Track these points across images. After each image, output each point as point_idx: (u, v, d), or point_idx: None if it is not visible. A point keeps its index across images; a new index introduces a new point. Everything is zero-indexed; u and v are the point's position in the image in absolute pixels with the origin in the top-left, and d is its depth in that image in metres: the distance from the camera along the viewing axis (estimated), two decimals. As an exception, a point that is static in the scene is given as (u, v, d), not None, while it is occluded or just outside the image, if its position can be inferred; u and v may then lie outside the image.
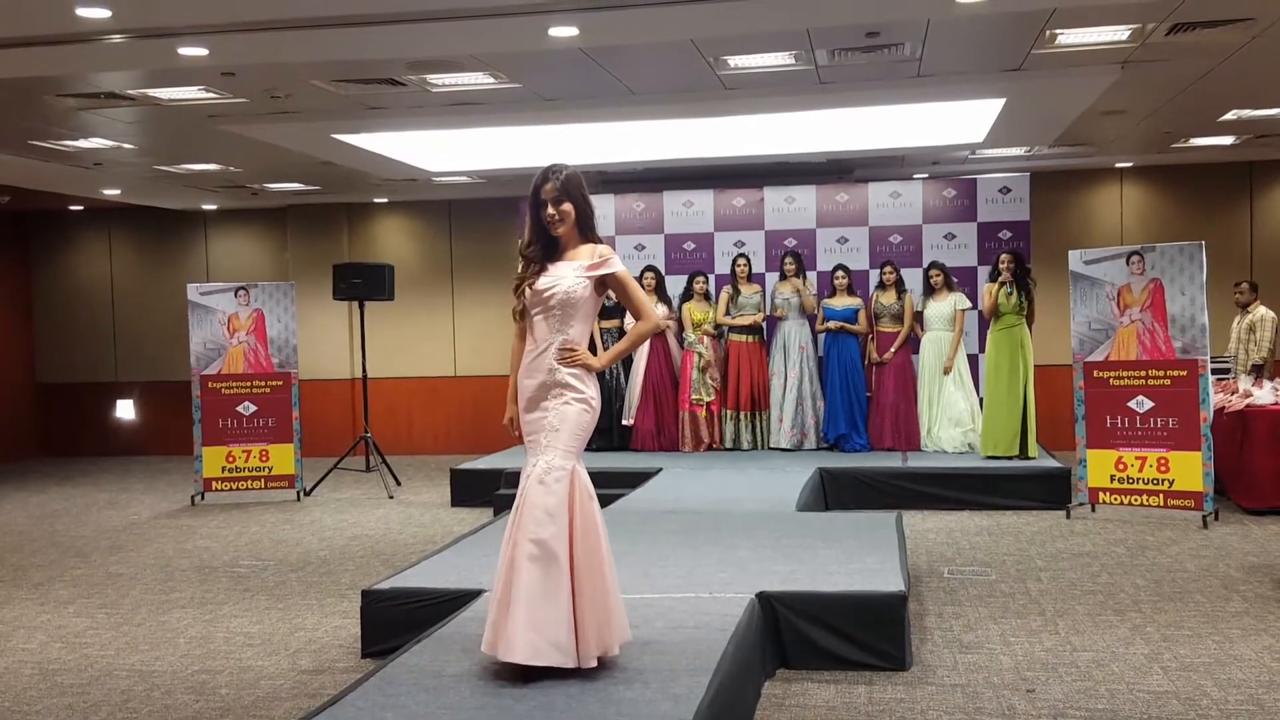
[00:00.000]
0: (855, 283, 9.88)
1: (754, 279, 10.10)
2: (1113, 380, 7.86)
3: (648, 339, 3.71)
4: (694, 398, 9.85)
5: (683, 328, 9.99)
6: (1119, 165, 11.69)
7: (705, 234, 10.68)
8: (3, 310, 13.48)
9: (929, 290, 9.52)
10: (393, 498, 9.78)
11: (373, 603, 5.04)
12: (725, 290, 9.99)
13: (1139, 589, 5.89)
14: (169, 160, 9.95)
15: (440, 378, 13.08)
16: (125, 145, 9.03)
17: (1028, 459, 8.67)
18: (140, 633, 5.57)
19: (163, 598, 6.30)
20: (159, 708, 4.44)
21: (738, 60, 6.84)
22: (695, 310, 9.93)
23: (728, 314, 9.91)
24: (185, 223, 13.54)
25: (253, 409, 9.65)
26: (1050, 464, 8.56)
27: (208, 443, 9.61)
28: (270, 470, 9.67)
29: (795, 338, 9.77)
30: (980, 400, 9.25)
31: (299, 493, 9.75)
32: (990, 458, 8.77)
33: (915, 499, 8.34)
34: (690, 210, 10.71)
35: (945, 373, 9.39)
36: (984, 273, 9.70)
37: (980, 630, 5.18)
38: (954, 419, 9.37)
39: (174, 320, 12.43)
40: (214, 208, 13.31)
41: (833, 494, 8.46)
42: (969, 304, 9.52)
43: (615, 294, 3.94)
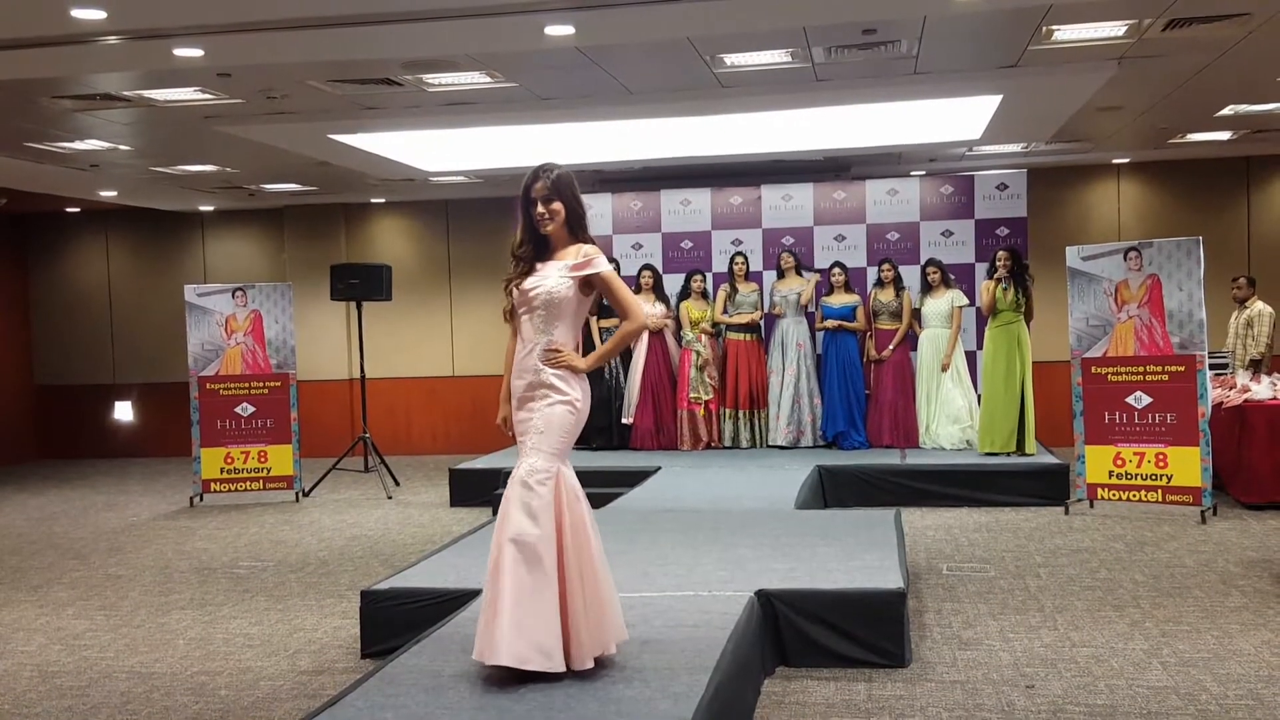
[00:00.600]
0: (853, 280, 9.88)
1: (751, 277, 10.09)
2: (1111, 376, 7.86)
3: (635, 338, 3.69)
4: (692, 396, 9.85)
5: (680, 326, 9.99)
6: (1116, 161, 11.70)
7: (702, 232, 10.68)
8: (0, 313, 13.47)
9: (926, 287, 9.52)
10: (391, 498, 9.78)
11: (372, 603, 5.03)
12: (723, 289, 9.99)
13: (1138, 585, 5.89)
14: (166, 162, 9.94)
15: (438, 378, 13.08)
16: (122, 147, 9.02)
17: (1025, 455, 8.68)
18: (139, 634, 5.57)
19: (162, 599, 6.30)
20: (158, 709, 4.44)
21: (734, 58, 6.84)
22: (693, 309, 9.92)
23: (725, 312, 9.92)
24: (182, 224, 13.54)
25: (251, 410, 9.65)
26: (1049, 460, 8.56)
27: (206, 444, 9.61)
28: (269, 471, 9.66)
29: (793, 335, 9.77)
30: (978, 397, 9.26)
31: (298, 494, 9.74)
32: (988, 454, 8.77)
33: (914, 496, 8.34)
34: (687, 209, 10.71)
35: (943, 370, 9.39)
36: (982, 269, 9.71)
37: (979, 627, 5.19)
38: (952, 416, 9.37)
39: (172, 322, 12.42)
40: (211, 209, 13.30)
41: (831, 492, 8.46)
42: (966, 301, 9.52)
43: (602, 294, 3.93)
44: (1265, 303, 9.61)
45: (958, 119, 8.79)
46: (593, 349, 3.99)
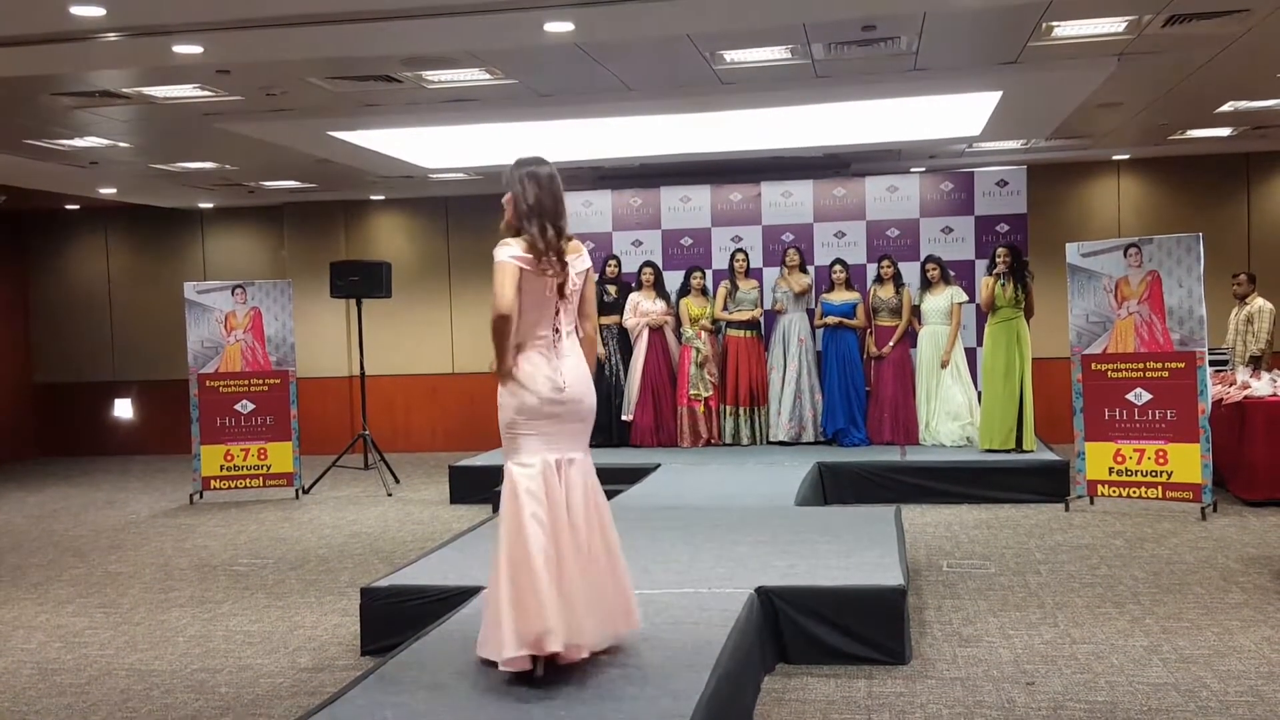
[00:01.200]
0: (853, 277, 9.87)
1: (751, 274, 10.09)
2: (1111, 373, 7.86)
3: (497, 334, 3.72)
4: (692, 393, 9.84)
5: (680, 323, 9.98)
6: (1116, 157, 11.69)
7: (702, 229, 10.67)
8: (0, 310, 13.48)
9: (926, 284, 9.51)
10: (391, 495, 9.78)
11: (372, 600, 5.04)
12: (723, 285, 9.98)
13: (1138, 581, 5.89)
14: (165, 159, 9.93)
15: (438, 375, 13.07)
16: (121, 144, 9.01)
17: (1025, 452, 8.67)
18: (139, 632, 5.57)
19: (161, 597, 6.30)
20: (158, 707, 4.44)
21: (734, 55, 6.83)
22: (693, 305, 9.92)
23: (725, 309, 9.91)
24: (182, 221, 13.53)
25: (250, 407, 9.64)
26: (1049, 457, 8.56)
27: (206, 441, 9.60)
28: (268, 468, 9.66)
29: (794, 331, 9.76)
30: (978, 394, 9.26)
31: (297, 491, 9.74)
32: (988, 451, 8.77)
33: (914, 493, 8.34)
34: (687, 205, 10.70)
35: (942, 366, 9.38)
36: (982, 266, 9.71)
37: (979, 623, 5.19)
38: (952, 413, 9.37)
39: (171, 319, 12.40)
40: (210, 206, 13.29)
41: (831, 488, 8.46)
42: (965, 297, 9.51)
43: None
44: (1265, 299, 9.61)
45: (958, 115, 8.78)
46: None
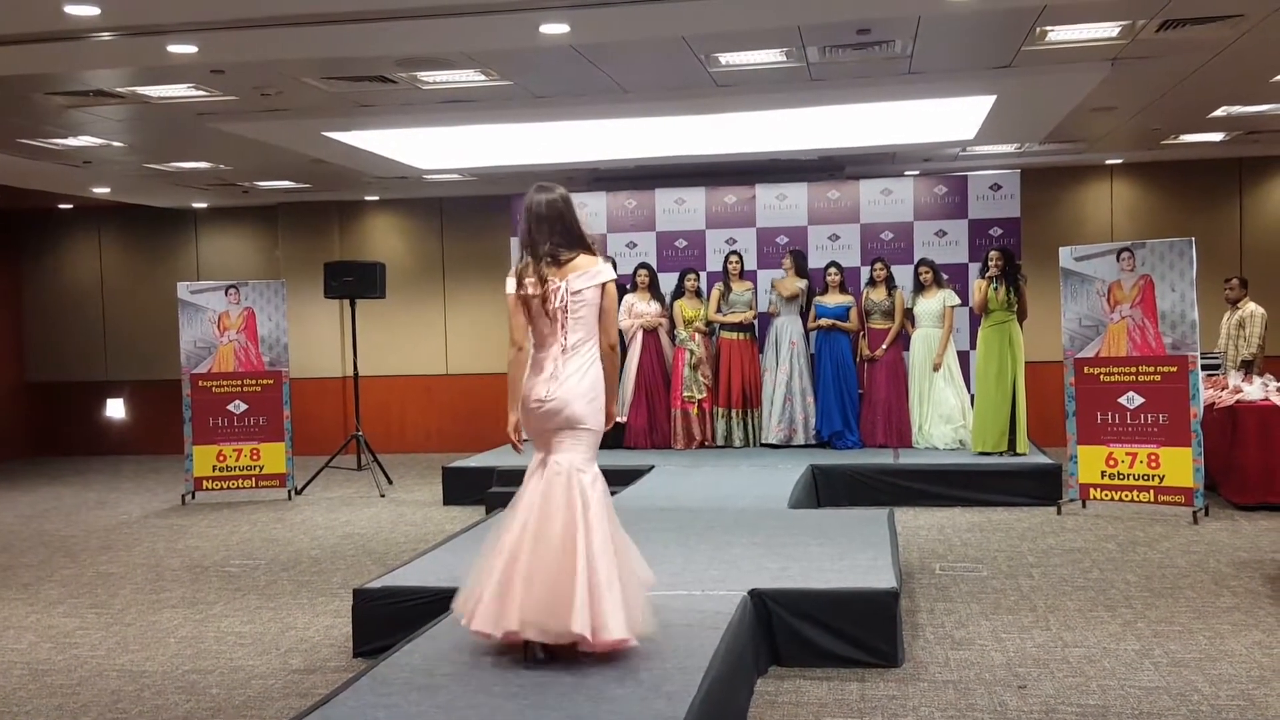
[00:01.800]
0: (846, 280, 9.88)
1: (746, 276, 10.09)
2: (1103, 376, 7.88)
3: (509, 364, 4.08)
4: (686, 395, 9.85)
5: (674, 325, 9.98)
6: (1109, 162, 11.72)
7: (697, 231, 10.68)
8: (-8, 309, 13.46)
9: (918, 287, 9.53)
10: (384, 496, 9.77)
11: (364, 602, 5.03)
12: (717, 288, 9.99)
13: (1130, 585, 5.90)
14: (159, 158, 9.91)
15: (432, 376, 13.05)
16: (115, 143, 8.99)
17: (1018, 455, 8.69)
18: (130, 633, 5.55)
19: (153, 597, 6.28)
20: (149, 708, 4.42)
21: (729, 57, 6.84)
22: (687, 308, 9.92)
23: (719, 311, 9.92)
24: (175, 221, 13.50)
25: (243, 408, 9.62)
26: (1041, 460, 8.57)
27: (198, 441, 9.58)
28: (261, 469, 9.64)
29: (787, 333, 9.77)
30: (971, 397, 9.27)
31: (290, 491, 9.73)
32: (981, 454, 8.79)
33: (907, 496, 8.35)
34: (682, 208, 10.71)
35: (935, 369, 9.40)
36: (975, 269, 9.72)
37: (972, 626, 5.19)
38: (945, 415, 9.38)
39: (164, 319, 12.35)
40: (204, 206, 13.26)
41: (825, 491, 8.46)
42: (958, 300, 9.52)
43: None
44: (1257, 304, 9.63)
45: (952, 119, 8.79)
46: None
